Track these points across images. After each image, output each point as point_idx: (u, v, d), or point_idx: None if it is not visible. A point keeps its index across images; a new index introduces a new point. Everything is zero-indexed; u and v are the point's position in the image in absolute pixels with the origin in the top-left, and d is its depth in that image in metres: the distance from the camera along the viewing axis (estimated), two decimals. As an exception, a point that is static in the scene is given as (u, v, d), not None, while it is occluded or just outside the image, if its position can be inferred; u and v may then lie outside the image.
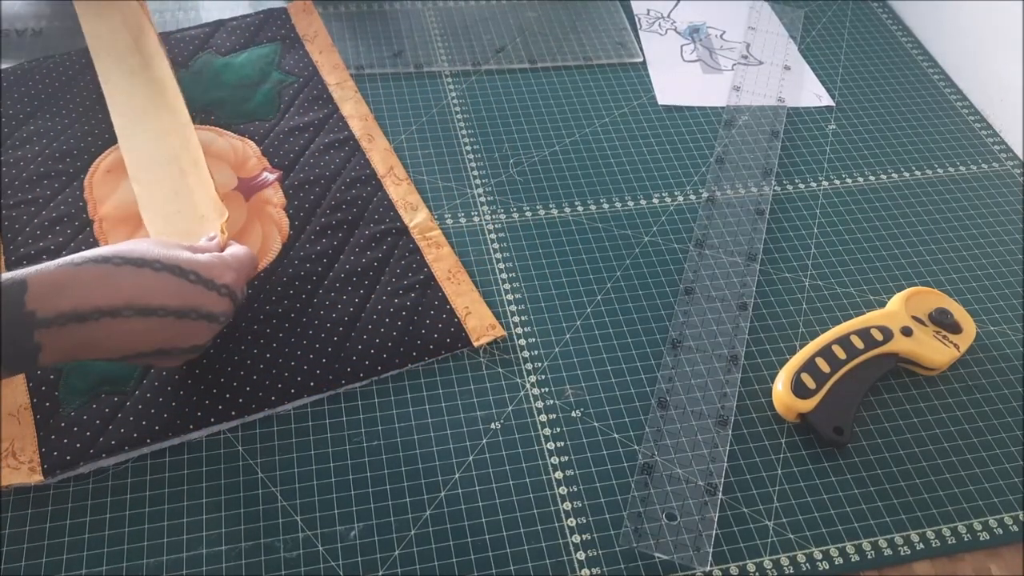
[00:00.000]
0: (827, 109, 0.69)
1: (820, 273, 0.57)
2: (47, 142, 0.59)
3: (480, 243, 0.57)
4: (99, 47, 0.65)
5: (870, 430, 0.49)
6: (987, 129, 0.68)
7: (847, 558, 0.44)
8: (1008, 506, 0.46)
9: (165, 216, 0.54)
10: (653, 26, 0.76)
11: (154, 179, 0.57)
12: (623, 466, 0.46)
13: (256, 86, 0.65)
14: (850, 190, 0.63)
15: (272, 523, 0.43)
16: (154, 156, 0.58)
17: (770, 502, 0.45)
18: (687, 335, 0.52)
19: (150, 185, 0.56)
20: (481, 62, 0.70)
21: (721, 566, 0.43)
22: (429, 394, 0.49)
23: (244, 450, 0.46)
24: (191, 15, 0.72)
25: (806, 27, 0.77)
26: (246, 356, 0.49)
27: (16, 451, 0.44)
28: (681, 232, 0.59)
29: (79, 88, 0.63)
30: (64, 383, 0.47)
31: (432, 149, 0.63)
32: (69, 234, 0.54)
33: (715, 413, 0.49)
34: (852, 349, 0.49)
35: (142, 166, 0.58)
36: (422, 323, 0.51)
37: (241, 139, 0.61)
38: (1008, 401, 0.51)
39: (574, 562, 0.43)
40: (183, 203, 0.55)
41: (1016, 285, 0.57)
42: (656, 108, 0.68)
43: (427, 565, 0.42)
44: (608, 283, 0.55)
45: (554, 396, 0.49)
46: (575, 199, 0.60)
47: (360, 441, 0.47)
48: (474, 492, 0.45)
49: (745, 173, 0.63)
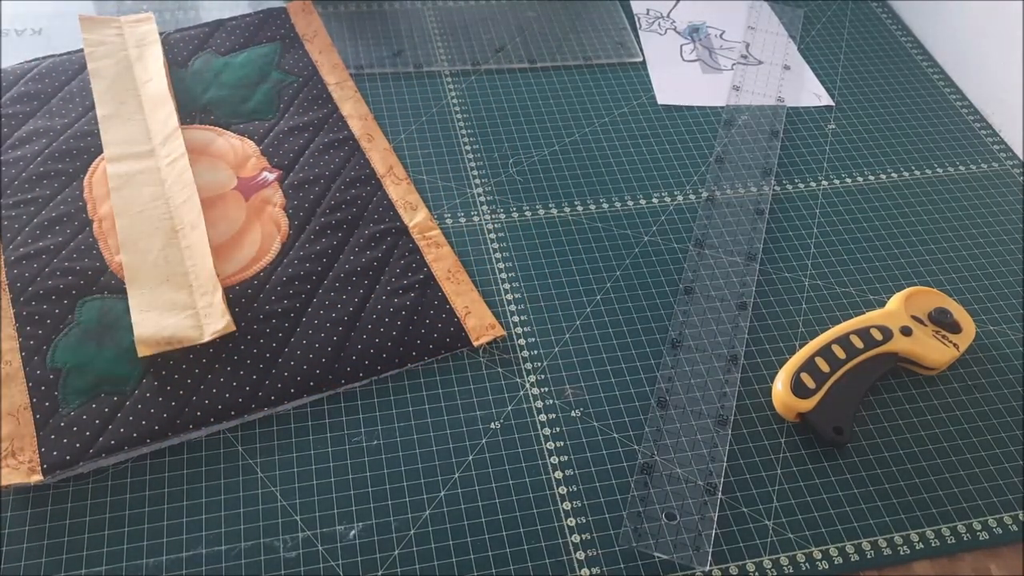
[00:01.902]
0: (827, 109, 0.69)
1: (820, 273, 0.57)
2: (47, 142, 0.59)
3: (480, 243, 0.57)
4: (101, 88, 0.62)
5: (870, 430, 0.49)
6: (987, 129, 0.68)
7: (847, 558, 0.44)
8: (1008, 506, 0.46)
9: (152, 289, 0.50)
10: (653, 26, 0.76)
11: (144, 246, 0.52)
12: (623, 466, 0.46)
13: (255, 86, 0.65)
14: (850, 190, 0.63)
15: (272, 523, 0.43)
16: (147, 215, 0.54)
17: (770, 502, 0.45)
18: (687, 335, 0.52)
19: (139, 253, 0.52)
20: (481, 62, 0.70)
21: (721, 566, 0.43)
22: (429, 394, 0.49)
23: (244, 450, 0.46)
24: (191, 15, 0.72)
25: (806, 27, 0.77)
26: (246, 356, 0.49)
27: (15, 451, 0.44)
28: (681, 232, 0.59)
29: (79, 88, 0.63)
30: (63, 383, 0.47)
31: (432, 149, 0.63)
32: (69, 234, 0.54)
33: (715, 413, 0.49)
34: (852, 349, 0.49)
35: (133, 231, 0.53)
36: (421, 323, 0.51)
37: (240, 139, 0.61)
38: (1008, 401, 0.51)
39: (574, 562, 0.43)
40: (174, 270, 0.51)
41: (1016, 285, 0.57)
42: (656, 108, 0.68)
43: (427, 565, 0.42)
44: (608, 283, 0.55)
45: (554, 396, 0.49)
46: (575, 199, 0.60)
47: (360, 441, 0.47)
48: (474, 492, 0.45)
49: (745, 173, 0.63)
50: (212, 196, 0.57)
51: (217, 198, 0.57)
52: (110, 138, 0.59)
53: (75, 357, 0.47)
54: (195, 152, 0.60)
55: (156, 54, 0.64)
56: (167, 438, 0.45)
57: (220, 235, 0.55)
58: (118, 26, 0.66)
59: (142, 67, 0.63)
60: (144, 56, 0.64)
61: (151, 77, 0.62)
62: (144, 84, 0.62)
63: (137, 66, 0.63)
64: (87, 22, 0.66)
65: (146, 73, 0.63)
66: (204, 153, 0.60)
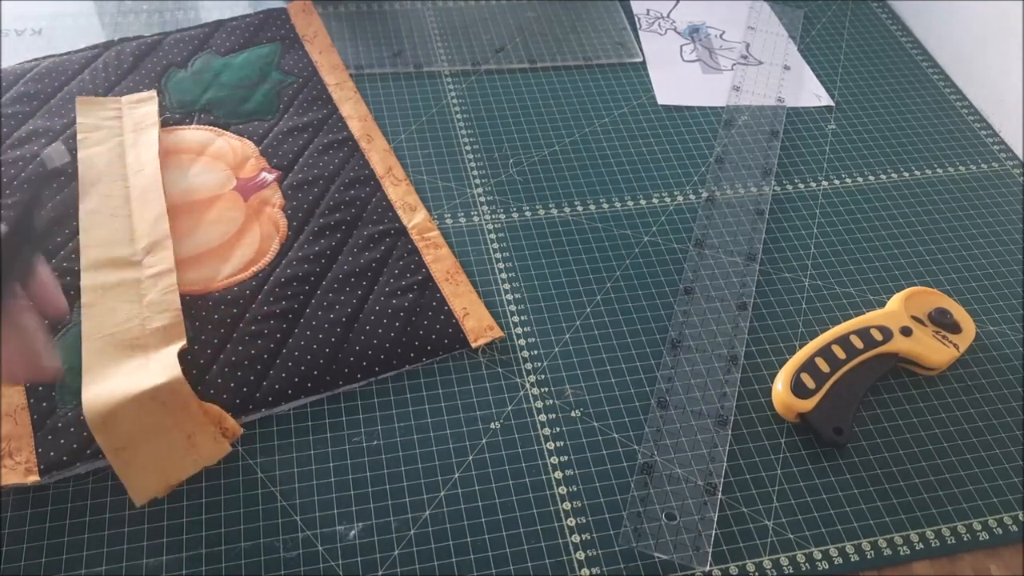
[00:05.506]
0: (827, 109, 0.69)
1: (820, 273, 0.57)
2: (46, 142, 0.59)
3: (480, 243, 0.57)
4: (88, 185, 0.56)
5: (870, 430, 0.49)
6: (987, 129, 0.68)
7: (847, 558, 0.44)
8: (1008, 506, 0.46)
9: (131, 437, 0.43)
10: (653, 26, 0.76)
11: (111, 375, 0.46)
12: (623, 466, 0.46)
13: (255, 86, 0.65)
14: (850, 190, 0.63)
15: (272, 523, 0.43)
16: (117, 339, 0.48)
17: (770, 502, 0.45)
18: (687, 335, 0.52)
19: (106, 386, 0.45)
20: (481, 62, 0.70)
21: (721, 566, 0.43)
22: (429, 394, 0.49)
23: (244, 450, 0.46)
24: (191, 15, 0.72)
25: (806, 27, 0.77)
26: (245, 356, 0.48)
27: (13, 451, 0.44)
28: (681, 232, 0.59)
29: (79, 88, 0.63)
30: (61, 383, 0.47)
31: (432, 149, 0.63)
32: (67, 234, 0.54)
33: (715, 413, 0.49)
34: (852, 349, 0.49)
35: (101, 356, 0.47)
36: (420, 324, 0.51)
37: (240, 139, 0.61)
38: (1008, 401, 0.51)
39: (574, 562, 0.43)
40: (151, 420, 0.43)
41: (1016, 285, 0.57)
42: (656, 108, 0.68)
43: (427, 565, 0.42)
44: (608, 283, 0.55)
45: (554, 396, 0.49)
46: (575, 199, 0.60)
47: (360, 441, 0.46)
48: (474, 492, 0.45)
49: (745, 173, 0.63)
50: (211, 196, 0.57)
51: (216, 198, 0.57)
52: (89, 239, 0.53)
53: (73, 358, 0.47)
54: (194, 152, 0.60)
55: (152, 140, 0.59)
56: (166, 438, 0.45)
57: (219, 236, 0.55)
58: (117, 107, 0.62)
59: (135, 155, 0.58)
60: (139, 143, 0.59)
61: (143, 167, 0.57)
62: (136, 174, 0.57)
63: (131, 154, 0.58)
64: (84, 104, 0.61)
65: (139, 162, 0.57)
66: (203, 154, 0.60)
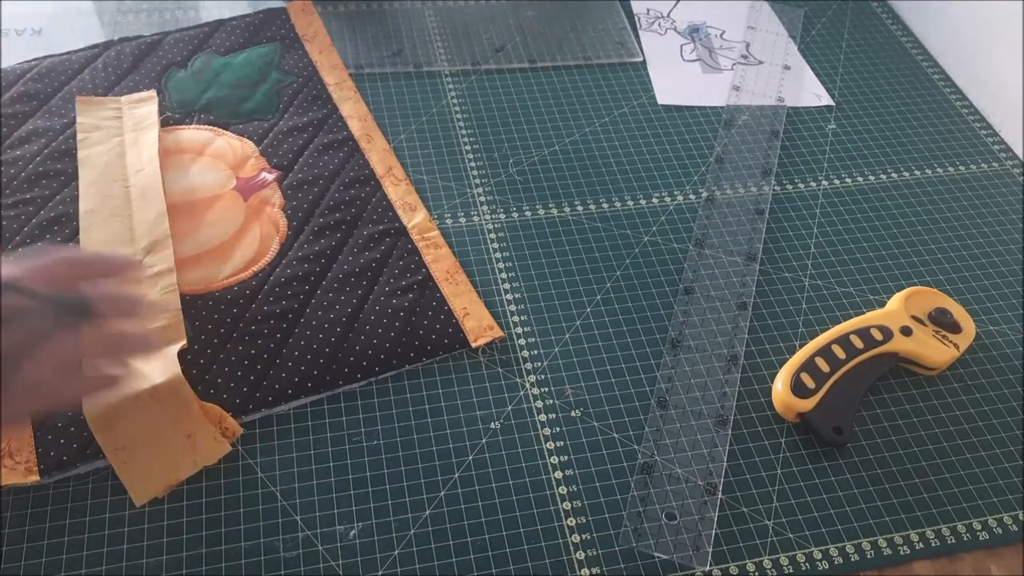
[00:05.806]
0: (827, 109, 0.69)
1: (820, 273, 0.57)
2: (46, 142, 0.59)
3: (480, 243, 0.57)
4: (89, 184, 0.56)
5: (870, 430, 0.49)
6: (987, 129, 0.68)
7: (847, 558, 0.44)
8: (1008, 506, 0.46)
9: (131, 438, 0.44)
10: (653, 26, 0.76)
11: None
12: (623, 466, 0.46)
13: (255, 86, 0.65)
14: (850, 190, 0.63)
15: (272, 523, 0.43)
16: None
17: (770, 502, 0.45)
18: (687, 335, 0.52)
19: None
20: (481, 62, 0.70)
21: (721, 566, 0.43)
22: (429, 394, 0.49)
23: (244, 450, 0.46)
24: (191, 15, 0.72)
25: (806, 27, 0.77)
26: (245, 356, 0.48)
27: (13, 451, 0.44)
28: (681, 232, 0.59)
29: (79, 88, 0.63)
30: (63, 383, 0.47)
31: (432, 149, 0.63)
32: (67, 234, 0.54)
33: (715, 413, 0.49)
34: (852, 349, 0.49)
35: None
36: (420, 324, 0.51)
37: (240, 139, 0.61)
38: (1008, 401, 0.51)
39: (574, 562, 0.43)
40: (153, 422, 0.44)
41: (1016, 285, 0.57)
42: (656, 108, 0.68)
43: (427, 565, 0.42)
44: (608, 283, 0.55)
45: (554, 396, 0.49)
46: (575, 199, 0.60)
47: (360, 441, 0.46)
48: (474, 492, 0.45)
49: (745, 173, 0.63)
50: (211, 196, 0.57)
51: (216, 198, 0.57)
52: (90, 239, 0.52)
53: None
54: (194, 152, 0.60)
55: (152, 140, 0.58)
56: (167, 438, 0.45)
57: (219, 236, 0.55)
58: (117, 107, 0.61)
59: (135, 155, 0.58)
60: (139, 142, 0.59)
61: (143, 167, 0.57)
62: (136, 174, 0.56)
63: (131, 153, 0.58)
64: (84, 104, 0.61)
65: (139, 162, 0.57)
66: (203, 153, 0.60)
